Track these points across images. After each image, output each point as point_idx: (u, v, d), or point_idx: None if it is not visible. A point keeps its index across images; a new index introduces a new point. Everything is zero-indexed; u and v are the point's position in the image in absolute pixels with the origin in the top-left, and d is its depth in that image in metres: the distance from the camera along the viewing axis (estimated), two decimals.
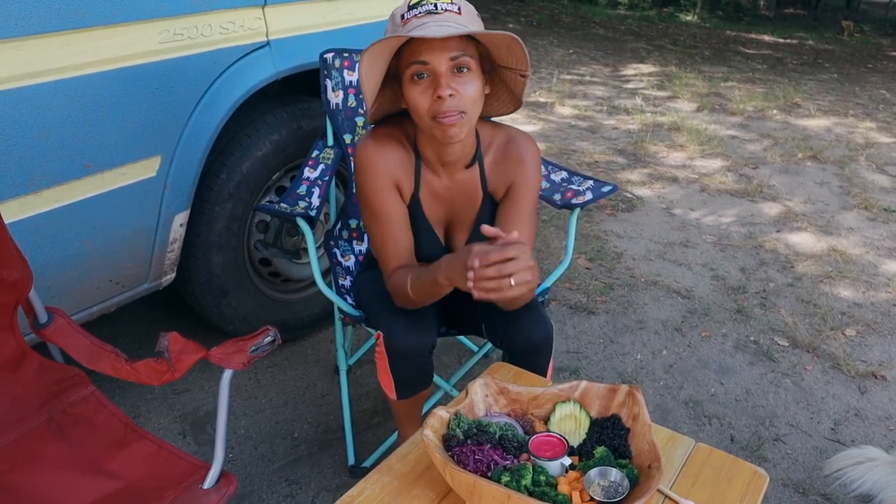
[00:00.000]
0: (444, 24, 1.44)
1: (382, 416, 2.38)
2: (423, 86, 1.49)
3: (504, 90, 1.66)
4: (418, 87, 1.49)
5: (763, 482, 1.39)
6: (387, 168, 1.63)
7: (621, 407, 1.40)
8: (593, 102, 6.63)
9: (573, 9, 13.91)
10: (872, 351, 2.94)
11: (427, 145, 1.63)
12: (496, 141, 1.70)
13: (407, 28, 1.46)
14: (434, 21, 1.44)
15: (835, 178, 4.97)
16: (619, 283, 3.34)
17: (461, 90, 1.48)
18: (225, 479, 1.42)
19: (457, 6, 1.48)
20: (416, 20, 1.46)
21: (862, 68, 9.84)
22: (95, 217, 1.89)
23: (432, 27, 1.43)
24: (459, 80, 1.48)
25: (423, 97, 1.49)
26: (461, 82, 1.48)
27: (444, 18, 1.45)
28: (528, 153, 1.69)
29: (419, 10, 1.46)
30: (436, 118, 1.49)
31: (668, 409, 2.51)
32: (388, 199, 1.65)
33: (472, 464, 1.26)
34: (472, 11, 1.52)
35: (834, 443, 2.40)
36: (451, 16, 1.46)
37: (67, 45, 1.70)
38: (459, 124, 1.50)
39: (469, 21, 1.49)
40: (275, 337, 1.43)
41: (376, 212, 1.66)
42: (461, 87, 1.48)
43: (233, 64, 2.10)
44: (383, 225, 1.66)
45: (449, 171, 1.68)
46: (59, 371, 1.64)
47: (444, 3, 1.47)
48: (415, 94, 1.50)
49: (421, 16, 1.46)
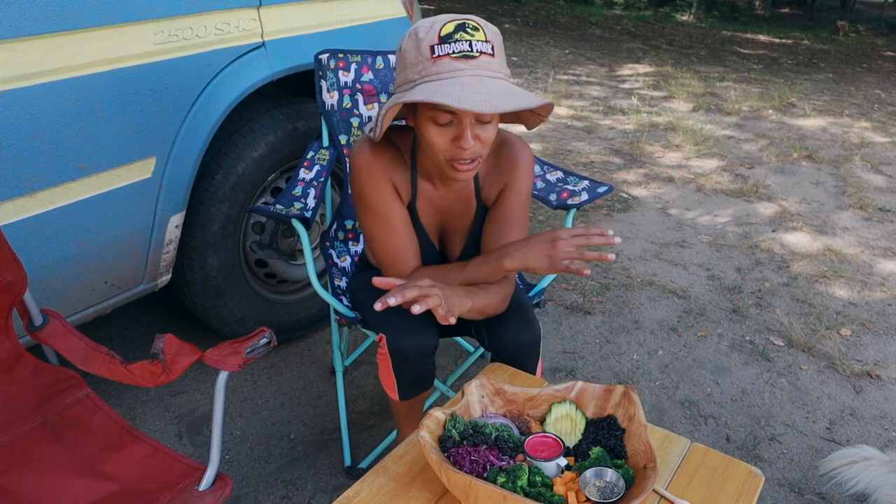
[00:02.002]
0: (479, 74, 1.39)
1: (379, 417, 2.38)
2: (443, 129, 1.45)
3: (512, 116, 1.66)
4: (438, 129, 1.45)
5: (758, 482, 1.39)
6: (385, 170, 1.62)
7: (617, 407, 1.41)
8: (589, 103, 6.64)
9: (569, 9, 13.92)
10: (868, 350, 2.94)
11: (428, 161, 1.61)
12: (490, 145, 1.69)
13: (437, 69, 1.39)
14: (470, 70, 1.38)
15: (830, 177, 4.98)
16: (615, 283, 3.34)
17: (482, 136, 1.46)
18: (221, 480, 1.42)
19: (490, 45, 1.41)
20: (449, 62, 1.38)
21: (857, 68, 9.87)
22: (90, 219, 1.88)
23: (469, 83, 1.36)
24: (481, 127, 1.46)
25: (443, 139, 1.46)
26: (483, 128, 1.46)
27: (480, 65, 1.39)
28: (521, 156, 1.69)
29: (453, 48, 1.39)
30: (451, 161, 1.48)
31: (663, 409, 2.51)
32: (392, 200, 1.63)
33: (468, 465, 1.26)
34: (501, 46, 1.47)
35: (829, 442, 2.41)
36: (486, 60, 1.40)
37: (62, 47, 1.70)
38: (473, 170, 1.50)
39: (500, 64, 1.43)
40: (270, 338, 1.43)
41: (381, 215, 1.63)
42: (483, 133, 1.46)
43: (228, 65, 2.10)
44: (390, 228, 1.64)
45: (445, 181, 1.67)
46: (54, 373, 1.64)
47: (480, 43, 1.40)
48: (434, 135, 1.46)
49: (455, 58, 1.38)
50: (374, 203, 1.63)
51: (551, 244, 1.50)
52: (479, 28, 1.41)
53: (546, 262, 1.50)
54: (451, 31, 1.39)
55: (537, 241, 1.52)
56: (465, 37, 1.39)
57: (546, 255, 1.50)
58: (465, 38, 1.39)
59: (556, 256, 1.49)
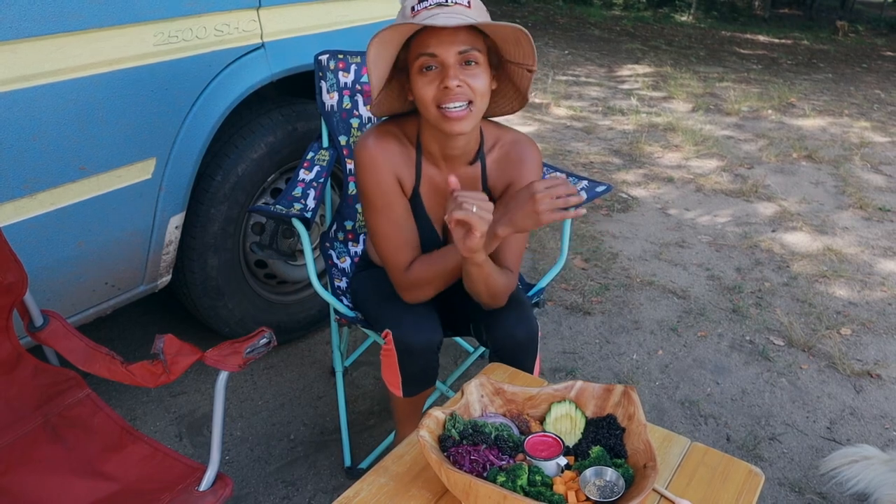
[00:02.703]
0: (453, 15, 1.46)
1: (379, 417, 2.39)
2: (430, 77, 1.51)
3: (509, 87, 1.68)
4: (426, 77, 1.51)
5: (759, 481, 1.39)
6: (388, 162, 1.65)
7: (617, 407, 1.41)
8: (589, 103, 6.64)
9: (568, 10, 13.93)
10: (868, 350, 2.95)
11: (431, 138, 1.65)
12: (501, 141, 1.73)
13: (417, 19, 1.47)
14: (444, 13, 1.46)
15: (830, 177, 4.98)
16: (614, 283, 3.34)
17: (469, 81, 1.51)
18: (221, 481, 1.43)
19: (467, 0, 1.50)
20: (426, 12, 1.47)
21: (856, 68, 9.87)
22: (91, 219, 1.89)
23: (442, 18, 1.45)
24: (468, 72, 1.51)
25: (430, 87, 1.51)
26: (469, 74, 1.51)
27: (454, 10, 1.47)
28: (531, 156, 1.73)
29: (429, 2, 1.48)
30: (441, 108, 1.51)
31: (664, 409, 2.51)
32: (394, 194, 1.67)
33: (467, 464, 1.26)
34: (481, 6, 1.54)
35: (830, 441, 2.41)
36: (460, 8, 1.48)
37: (62, 48, 1.70)
38: (467, 117, 1.52)
39: (478, 14, 1.51)
40: (270, 338, 1.43)
41: (382, 208, 1.67)
42: (469, 79, 1.51)
43: (228, 66, 2.11)
44: (391, 221, 1.68)
45: (451, 166, 1.69)
46: (54, 374, 1.64)
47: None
48: (422, 85, 1.52)
49: (431, 7, 1.47)
50: (376, 198, 1.66)
51: (532, 199, 1.52)
52: None
53: (534, 217, 1.52)
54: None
55: (518, 202, 1.54)
56: None
57: (532, 211, 1.52)
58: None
59: (542, 209, 1.51)
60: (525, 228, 1.55)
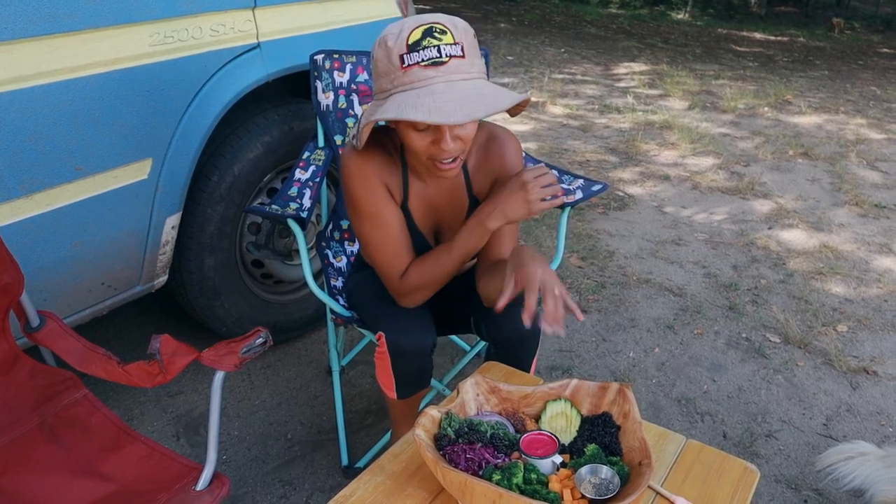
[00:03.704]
0: (451, 79, 1.37)
1: (375, 416, 2.39)
2: (422, 133, 1.45)
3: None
4: (417, 133, 1.45)
5: (754, 478, 1.40)
6: (377, 172, 1.62)
7: (612, 405, 1.41)
8: (585, 101, 6.65)
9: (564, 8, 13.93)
10: (864, 346, 2.95)
11: (416, 161, 1.61)
12: (477, 141, 1.69)
13: (409, 78, 1.37)
14: (441, 77, 1.36)
15: (826, 174, 4.99)
16: (611, 281, 3.35)
17: (461, 135, 1.45)
18: (218, 480, 1.43)
19: (459, 46, 1.38)
20: (419, 71, 1.36)
21: (852, 65, 9.88)
22: (87, 220, 1.89)
23: (442, 90, 1.35)
24: (460, 128, 1.45)
25: (423, 143, 1.46)
26: (462, 129, 1.45)
27: (451, 70, 1.37)
28: (509, 148, 1.70)
29: (422, 56, 1.36)
30: (434, 160, 1.49)
31: (660, 406, 2.52)
32: (386, 203, 1.64)
33: (463, 463, 1.26)
34: (472, 42, 1.43)
35: (826, 438, 2.42)
36: (456, 63, 1.38)
37: (58, 49, 1.70)
38: (457, 166, 1.51)
39: (470, 62, 1.41)
40: (266, 338, 1.43)
41: (376, 217, 1.63)
42: (462, 132, 1.45)
43: (223, 66, 2.11)
44: (385, 229, 1.64)
45: (436, 179, 1.68)
46: (51, 374, 1.64)
47: (448, 47, 1.37)
48: (414, 140, 1.46)
49: (425, 66, 1.36)
50: (368, 206, 1.63)
51: (522, 189, 1.52)
52: (446, 31, 1.38)
53: (525, 207, 1.53)
54: (419, 37, 1.37)
55: (508, 193, 1.55)
56: (433, 42, 1.37)
57: (523, 201, 1.53)
58: (433, 44, 1.36)
59: (532, 198, 1.52)
60: (517, 218, 1.56)
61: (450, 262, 1.65)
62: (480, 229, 1.59)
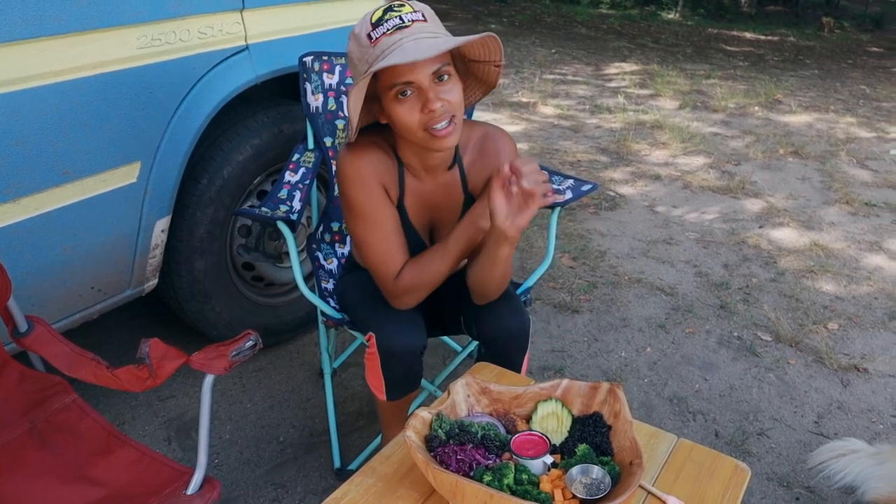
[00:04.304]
0: (417, 37, 1.43)
1: (367, 418, 2.39)
2: (409, 103, 1.48)
3: (473, 80, 1.67)
4: (405, 105, 1.49)
5: (745, 476, 1.40)
6: (375, 173, 1.63)
7: (603, 404, 1.41)
8: (576, 102, 6.66)
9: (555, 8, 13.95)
10: (855, 344, 2.96)
11: (410, 152, 1.63)
12: (472, 139, 1.71)
13: (379, 49, 1.44)
14: (407, 37, 1.44)
15: (816, 173, 5.01)
16: (602, 281, 3.35)
17: (448, 97, 1.49)
18: (209, 484, 1.42)
19: (420, 13, 1.47)
20: (386, 39, 1.44)
21: (842, 64, 9.93)
22: (76, 224, 1.88)
23: (409, 46, 1.42)
24: (443, 88, 1.49)
25: (413, 113, 1.49)
26: (446, 90, 1.49)
27: (414, 31, 1.44)
28: (504, 146, 1.72)
29: (386, 27, 1.45)
30: (429, 130, 1.49)
31: (652, 406, 2.52)
32: (382, 204, 1.65)
33: (454, 464, 1.26)
34: (432, 13, 1.52)
35: (817, 436, 2.42)
36: (419, 26, 1.46)
37: (44, 52, 1.69)
38: (453, 132, 1.52)
39: (435, 26, 1.49)
40: (256, 341, 1.43)
41: (371, 218, 1.64)
42: (447, 95, 1.49)
43: (212, 68, 2.10)
44: (380, 230, 1.65)
45: (432, 174, 1.68)
46: (40, 380, 1.64)
47: (409, 14, 1.46)
48: (403, 113, 1.49)
49: (390, 33, 1.44)
50: (364, 207, 1.63)
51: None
52: (404, 4, 1.48)
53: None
54: (381, 15, 1.47)
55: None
56: (393, 14, 1.46)
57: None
58: (394, 16, 1.46)
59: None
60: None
61: (443, 262, 1.65)
62: (473, 228, 1.60)
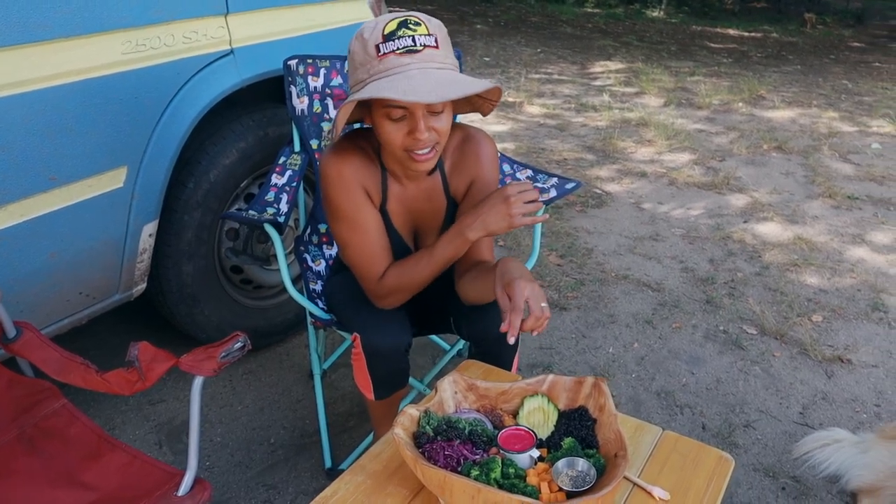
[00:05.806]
0: (425, 66, 1.42)
1: (358, 418, 2.40)
2: (398, 124, 1.48)
3: (466, 104, 1.66)
4: (393, 125, 1.48)
5: (729, 466, 1.42)
6: (356, 177, 1.63)
7: (588, 398, 1.43)
8: (562, 101, 6.69)
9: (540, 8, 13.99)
10: (838, 336, 3.00)
11: (392, 159, 1.63)
12: (452, 142, 1.71)
13: (384, 66, 1.42)
14: (416, 64, 1.42)
15: (800, 167, 5.05)
16: (589, 278, 3.38)
17: (437, 126, 1.49)
18: (199, 485, 1.43)
19: (433, 38, 1.45)
20: (394, 58, 1.42)
21: (824, 59, 10.00)
22: (63, 230, 1.88)
23: (415, 75, 1.40)
24: (434, 118, 1.49)
25: (398, 133, 1.49)
26: (436, 119, 1.49)
27: (425, 58, 1.43)
28: (484, 149, 1.72)
29: (397, 45, 1.42)
30: (409, 151, 1.50)
31: (640, 400, 2.55)
32: (365, 207, 1.65)
33: (442, 459, 1.28)
34: (444, 36, 1.50)
35: (802, 426, 2.45)
36: (430, 53, 1.43)
37: (29, 58, 1.70)
38: (433, 157, 1.53)
39: (445, 53, 1.47)
40: (244, 342, 1.44)
41: (354, 220, 1.65)
42: (437, 124, 1.49)
43: (197, 73, 2.11)
44: (363, 233, 1.66)
45: (414, 181, 1.69)
46: (29, 385, 1.64)
47: (422, 37, 1.43)
48: (389, 131, 1.49)
49: (400, 53, 1.42)
50: (346, 210, 1.64)
51: (505, 202, 1.53)
52: (420, 23, 1.45)
53: (506, 220, 1.54)
54: (395, 28, 1.43)
55: (491, 205, 1.55)
56: (407, 32, 1.43)
57: (505, 215, 1.54)
58: (407, 34, 1.43)
59: (514, 213, 1.53)
60: (497, 231, 1.56)
61: (428, 268, 1.65)
62: (460, 239, 1.60)
